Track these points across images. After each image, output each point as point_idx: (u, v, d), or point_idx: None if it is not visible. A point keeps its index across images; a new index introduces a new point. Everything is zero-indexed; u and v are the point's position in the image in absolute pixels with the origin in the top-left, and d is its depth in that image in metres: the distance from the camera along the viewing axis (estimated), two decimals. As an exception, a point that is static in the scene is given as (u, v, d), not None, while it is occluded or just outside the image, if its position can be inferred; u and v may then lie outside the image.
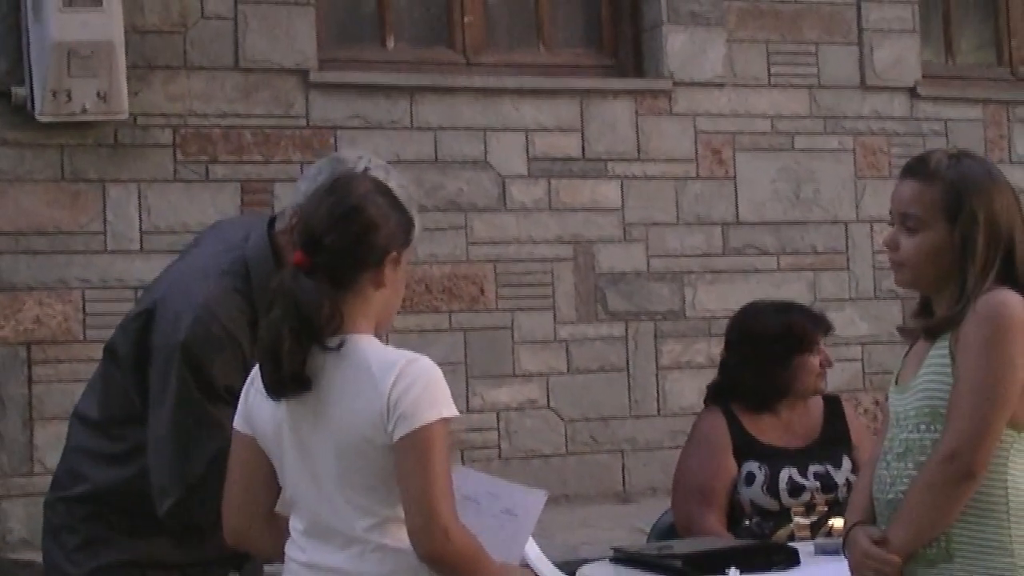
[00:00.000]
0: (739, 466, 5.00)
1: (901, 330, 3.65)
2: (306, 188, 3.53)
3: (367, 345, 3.14)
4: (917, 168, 3.47)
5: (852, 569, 3.43)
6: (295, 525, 3.19)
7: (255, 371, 3.20)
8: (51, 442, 6.93)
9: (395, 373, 3.07)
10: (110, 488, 3.58)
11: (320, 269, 3.13)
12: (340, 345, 3.11)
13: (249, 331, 3.46)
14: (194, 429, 3.45)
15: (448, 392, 3.12)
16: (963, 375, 3.29)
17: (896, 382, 3.50)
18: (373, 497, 3.09)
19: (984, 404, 3.27)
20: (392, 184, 3.44)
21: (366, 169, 3.53)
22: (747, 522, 4.96)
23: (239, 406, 3.23)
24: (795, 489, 4.95)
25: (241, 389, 3.31)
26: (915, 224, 3.40)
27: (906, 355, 3.55)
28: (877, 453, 3.51)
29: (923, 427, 3.36)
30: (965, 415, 3.27)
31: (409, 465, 3.04)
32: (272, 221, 3.67)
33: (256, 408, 3.20)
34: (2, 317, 7.11)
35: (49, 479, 3.83)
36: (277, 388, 3.12)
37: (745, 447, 5.02)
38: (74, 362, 7.05)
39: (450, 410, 3.10)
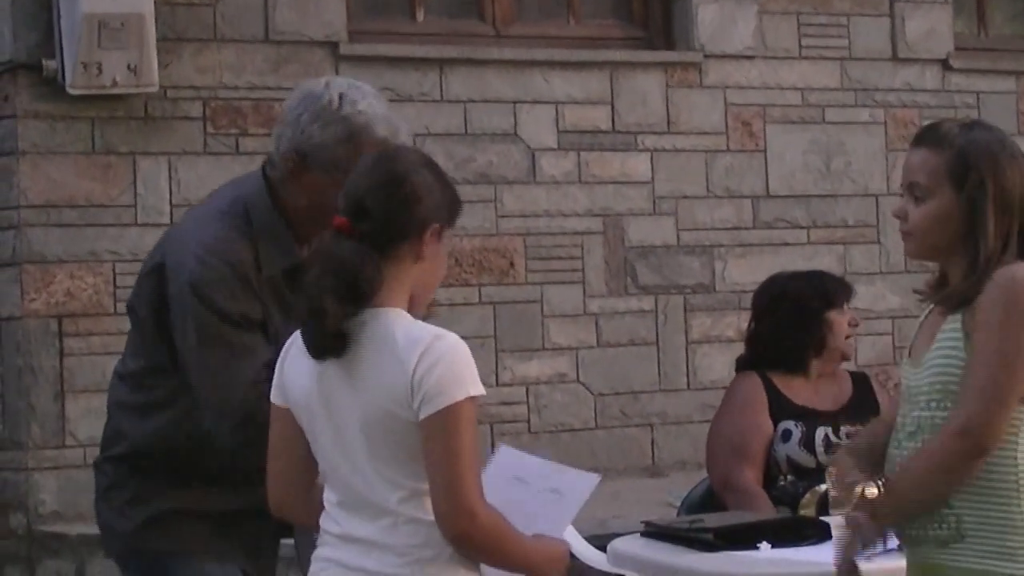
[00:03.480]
0: (775, 426, 5.03)
1: (919, 292, 3.58)
2: (292, 133, 3.50)
3: (396, 318, 3.12)
4: (926, 136, 3.41)
5: (837, 500, 3.44)
6: (329, 497, 3.18)
7: (288, 342, 3.20)
8: (82, 414, 6.95)
9: (421, 349, 3.04)
10: (146, 441, 3.58)
11: (361, 234, 3.10)
12: (368, 316, 3.09)
13: (254, 266, 3.46)
14: (223, 360, 3.43)
15: (475, 370, 3.09)
16: (978, 350, 3.24)
17: (910, 354, 3.45)
18: (402, 470, 3.07)
19: (998, 381, 3.21)
20: (360, 106, 3.45)
21: (341, 97, 3.49)
22: (782, 480, 4.98)
23: (274, 379, 3.21)
24: (830, 447, 4.98)
25: (257, 316, 3.31)
26: (922, 192, 3.34)
27: (920, 327, 3.49)
28: (893, 414, 3.47)
29: (934, 404, 3.30)
30: (978, 391, 3.22)
31: (434, 445, 3.02)
32: (264, 166, 3.63)
33: (289, 379, 3.19)
34: (33, 290, 7.13)
35: (81, 451, 3.89)
36: (319, 347, 3.10)
37: (780, 408, 5.07)
38: (105, 335, 7.07)
39: (477, 388, 3.06)
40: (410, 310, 3.17)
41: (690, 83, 8.49)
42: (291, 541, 3.76)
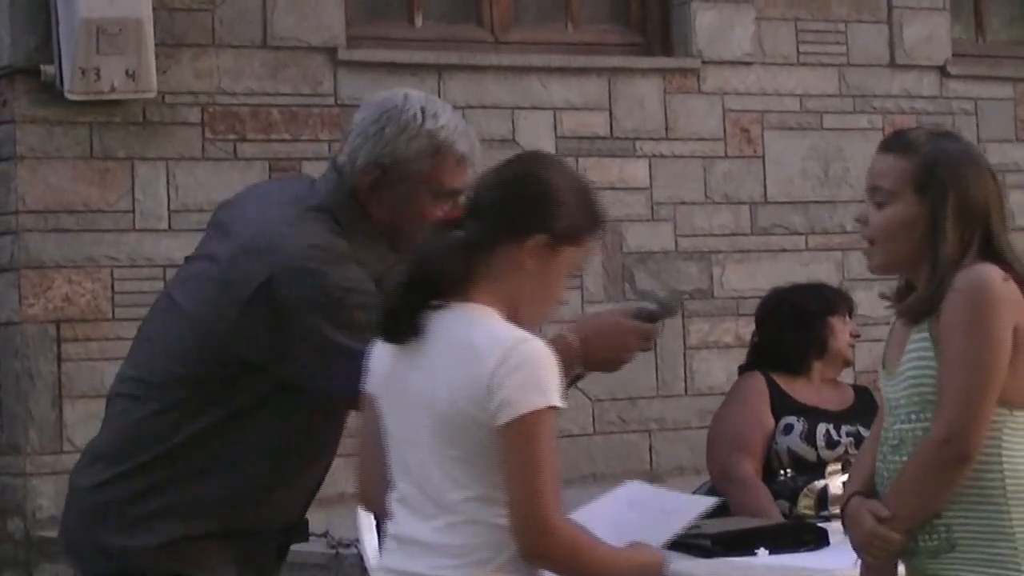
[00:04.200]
0: (776, 422, 5.06)
1: (885, 297, 3.58)
2: (372, 146, 3.48)
3: (479, 316, 3.02)
4: (893, 142, 3.41)
5: (857, 546, 3.35)
6: (392, 494, 3.08)
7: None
8: (80, 420, 6.95)
9: (501, 351, 2.94)
10: (170, 457, 3.50)
11: (466, 228, 3.05)
12: (451, 309, 3.01)
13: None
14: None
15: (557, 379, 2.98)
16: (949, 357, 3.22)
17: (884, 365, 3.43)
18: (469, 471, 2.98)
19: (973, 385, 3.20)
20: (442, 120, 3.45)
21: (423, 111, 3.49)
22: (782, 474, 5.01)
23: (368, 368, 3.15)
24: (831, 442, 5.01)
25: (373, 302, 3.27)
26: (883, 197, 3.33)
27: (890, 336, 3.47)
28: (879, 428, 3.47)
29: (915, 416, 3.29)
30: (955, 398, 3.20)
31: (511, 455, 2.93)
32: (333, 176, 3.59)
33: (373, 365, 3.12)
34: (31, 295, 7.13)
35: (78, 457, 3.81)
36: (389, 333, 3.05)
37: (782, 405, 5.12)
38: (103, 340, 7.07)
39: (558, 399, 2.98)
40: (515, 323, 3.05)
41: (688, 89, 8.49)
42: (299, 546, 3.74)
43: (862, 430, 5.04)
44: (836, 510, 4.33)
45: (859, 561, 3.38)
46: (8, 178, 7.17)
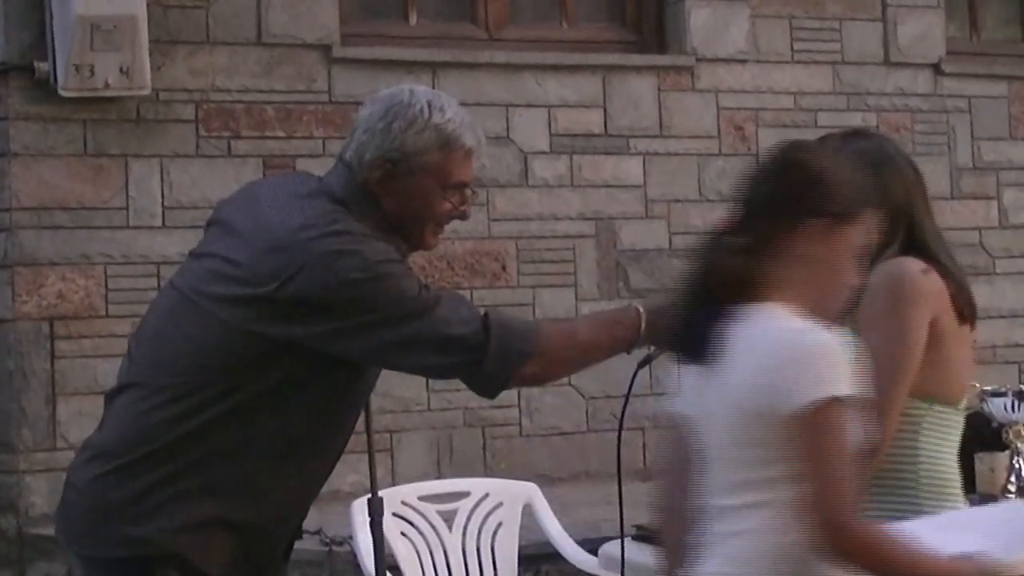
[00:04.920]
0: None
1: None
2: (381, 141, 3.48)
3: (767, 314, 2.93)
4: None
5: None
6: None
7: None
8: (74, 417, 6.95)
9: (787, 344, 2.86)
10: (185, 443, 3.50)
11: (741, 232, 2.98)
12: (743, 314, 2.93)
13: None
14: (447, 308, 3.40)
15: (844, 369, 2.85)
16: (863, 348, 3.19)
17: None
18: (754, 473, 2.91)
19: (882, 378, 3.18)
20: (449, 114, 3.47)
21: (430, 104, 3.50)
22: None
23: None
24: None
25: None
26: None
27: None
28: None
29: None
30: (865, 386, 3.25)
31: (799, 449, 2.82)
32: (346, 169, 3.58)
33: (676, 389, 3.11)
34: (25, 292, 7.13)
35: (72, 454, 3.81)
36: (690, 352, 3.03)
37: None
38: (96, 338, 7.07)
39: (845, 388, 2.82)
40: (813, 315, 2.95)
41: (683, 87, 8.49)
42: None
43: None
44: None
45: None
46: (2, 175, 7.17)
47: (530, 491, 5.61)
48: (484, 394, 3.50)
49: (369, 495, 3.90)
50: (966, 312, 3.32)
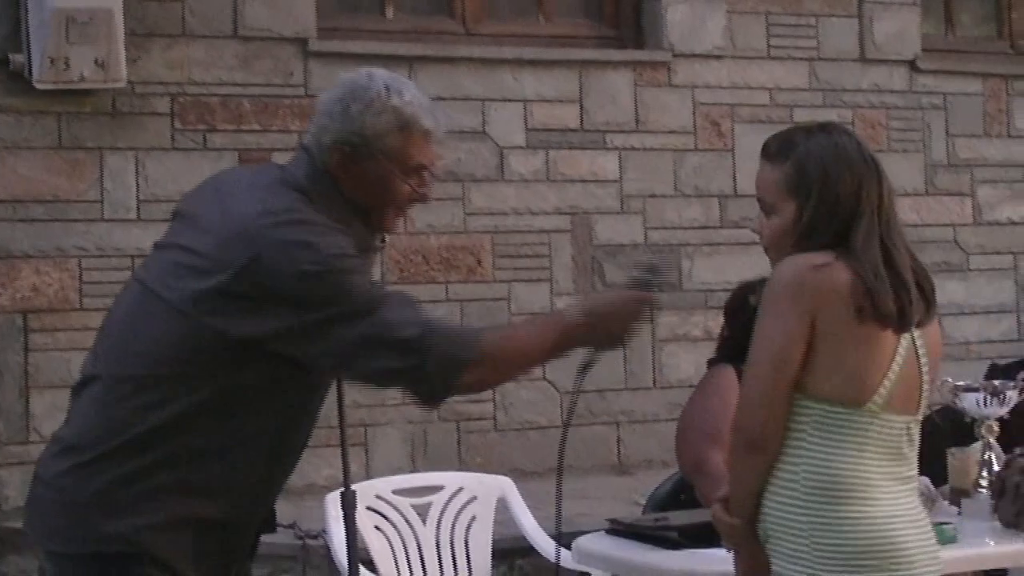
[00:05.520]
0: None
1: None
2: (340, 125, 3.47)
3: None
4: (769, 149, 3.44)
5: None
6: None
7: None
8: (47, 411, 6.93)
9: None
10: (158, 435, 3.48)
11: None
12: None
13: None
14: (399, 306, 3.38)
15: None
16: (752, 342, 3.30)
17: None
18: None
19: (759, 373, 3.24)
20: (407, 96, 3.47)
21: (388, 88, 3.51)
22: None
23: None
24: None
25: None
26: (767, 208, 3.40)
27: None
28: None
29: None
30: (746, 383, 3.29)
31: None
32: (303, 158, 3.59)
33: None
34: (-1, 285, 7.11)
35: (45, 448, 3.80)
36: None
37: None
38: (71, 330, 7.05)
39: None
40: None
41: (659, 82, 8.50)
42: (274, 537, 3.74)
43: None
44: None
45: None
46: (-24, 167, 7.15)
47: (504, 485, 5.62)
48: (426, 403, 3.46)
49: (343, 489, 3.90)
50: (867, 312, 3.22)
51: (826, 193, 3.30)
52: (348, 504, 3.66)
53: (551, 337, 3.47)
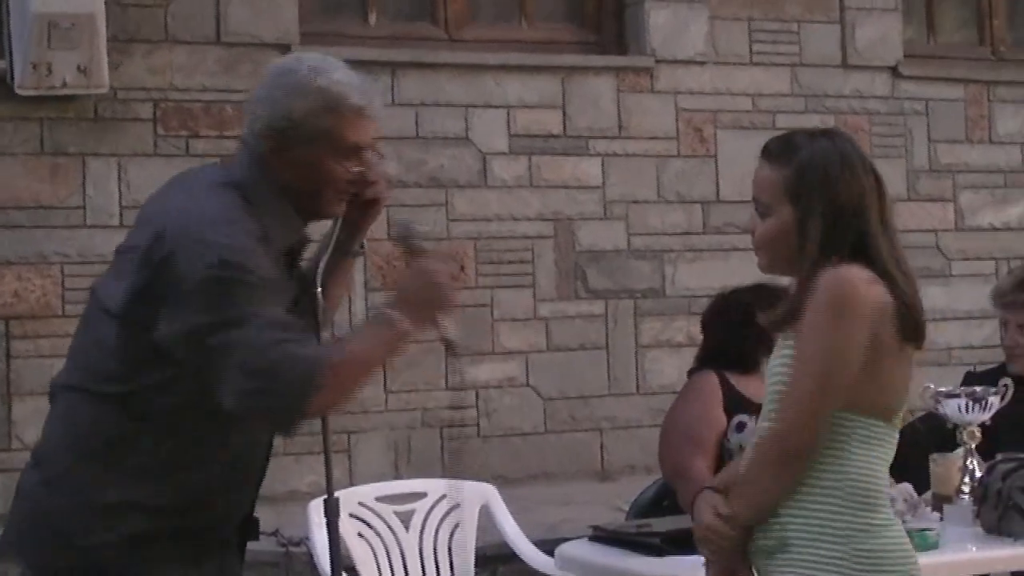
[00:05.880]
0: (729, 419, 5.05)
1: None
2: (269, 111, 3.41)
3: None
4: (771, 150, 3.44)
5: (696, 539, 3.40)
6: None
7: None
8: (29, 417, 6.91)
9: None
10: (127, 443, 3.43)
11: None
12: None
13: (264, 239, 3.33)
14: (273, 333, 3.24)
15: None
16: (798, 354, 3.25)
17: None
18: None
19: (812, 385, 3.21)
20: (335, 76, 3.39)
21: (314, 69, 3.42)
22: None
23: None
24: None
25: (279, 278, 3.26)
26: (764, 209, 3.39)
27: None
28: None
29: (773, 415, 3.32)
30: (794, 395, 3.24)
31: None
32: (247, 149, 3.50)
33: None
34: (-19, 291, 7.10)
35: (27, 455, 3.78)
36: None
37: (735, 403, 5.09)
38: (53, 337, 7.03)
39: None
40: None
41: (642, 88, 8.51)
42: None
43: None
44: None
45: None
46: (-42, 173, 7.13)
47: (487, 492, 5.61)
48: (279, 428, 3.36)
49: (326, 496, 3.89)
50: (908, 332, 3.28)
51: (830, 200, 3.30)
52: (331, 511, 3.64)
53: (384, 343, 3.34)
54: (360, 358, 3.30)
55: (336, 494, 3.66)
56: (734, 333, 5.20)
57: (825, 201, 3.29)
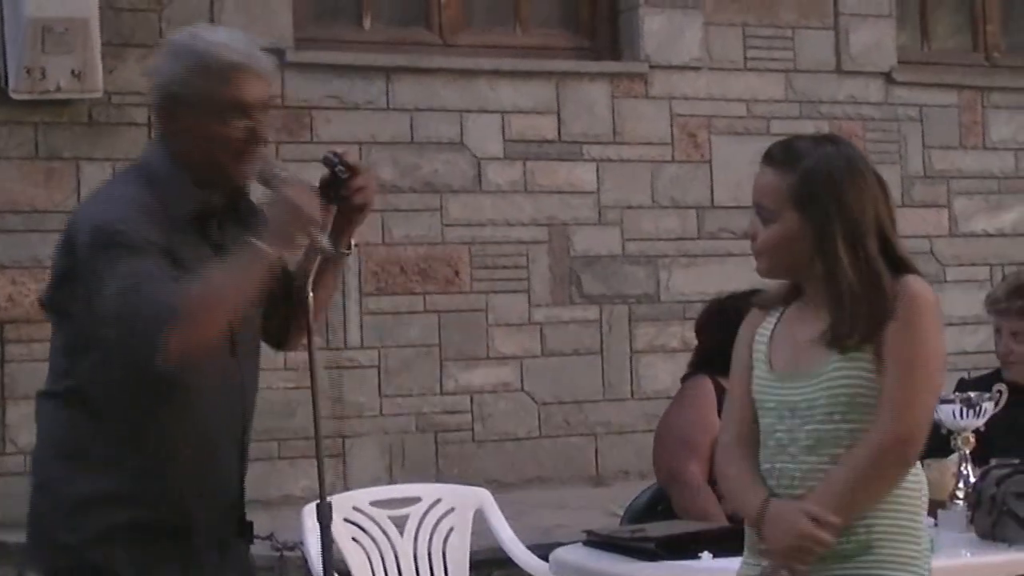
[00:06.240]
0: None
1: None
2: (156, 82, 3.46)
3: None
4: (775, 155, 3.44)
5: (785, 551, 3.26)
6: None
7: None
8: (23, 421, 6.90)
9: None
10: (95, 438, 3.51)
11: None
12: None
13: (159, 209, 3.36)
14: (137, 288, 3.26)
15: None
16: (903, 364, 3.25)
17: (772, 366, 3.43)
18: None
19: (928, 389, 3.28)
20: (210, 37, 3.44)
21: (193, 35, 3.48)
22: None
23: None
24: None
25: (161, 242, 3.26)
26: (767, 215, 3.40)
27: (771, 338, 3.48)
28: (730, 437, 3.47)
29: (838, 417, 3.28)
30: (910, 402, 3.24)
31: None
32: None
33: None
34: (-25, 295, 7.09)
35: (21, 458, 3.82)
36: None
37: None
38: (47, 341, 6.99)
39: None
40: None
41: (636, 93, 8.51)
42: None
43: None
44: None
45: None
46: (-48, 177, 7.13)
47: (481, 496, 5.61)
48: (147, 366, 3.26)
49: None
50: None
51: (842, 213, 3.31)
52: (323, 516, 3.63)
53: (244, 268, 3.30)
54: (216, 285, 3.26)
55: (330, 499, 3.65)
56: (729, 338, 5.19)
57: (840, 216, 3.31)
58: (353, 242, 3.59)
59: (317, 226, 3.33)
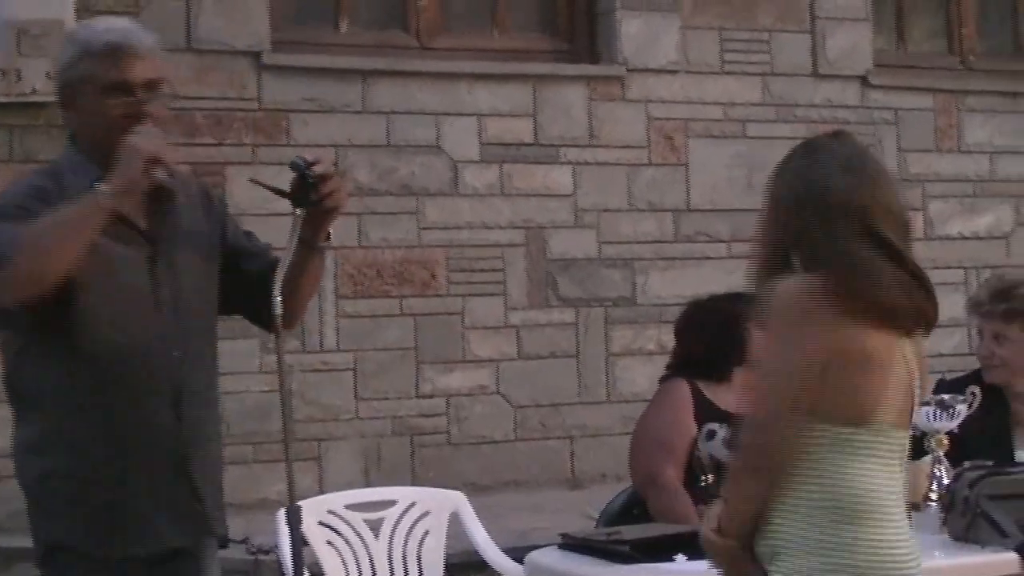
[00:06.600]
0: (699, 427, 5.06)
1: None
2: (55, 75, 3.60)
3: None
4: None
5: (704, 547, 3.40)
6: None
7: None
8: (4, 425, 6.87)
9: None
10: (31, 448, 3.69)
11: None
12: None
13: (55, 191, 3.48)
14: None
15: None
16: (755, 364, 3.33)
17: None
18: None
19: (766, 394, 3.25)
20: (93, 26, 3.58)
21: (83, 26, 3.68)
22: (703, 480, 5.01)
23: None
24: None
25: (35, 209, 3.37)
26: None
27: None
28: None
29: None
30: (752, 407, 3.29)
31: None
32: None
33: None
34: (-50, 298, 7.06)
35: (4, 462, 3.84)
36: None
37: (706, 412, 5.10)
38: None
39: None
40: None
41: (613, 97, 8.52)
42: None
43: None
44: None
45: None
46: (-73, 180, 7.11)
47: (457, 500, 5.61)
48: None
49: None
50: None
51: (840, 198, 3.34)
52: (293, 520, 3.62)
53: (80, 207, 3.39)
54: (50, 223, 3.35)
55: (304, 502, 3.65)
56: (708, 342, 5.21)
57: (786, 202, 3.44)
58: (330, 231, 3.63)
59: (159, 165, 3.42)
